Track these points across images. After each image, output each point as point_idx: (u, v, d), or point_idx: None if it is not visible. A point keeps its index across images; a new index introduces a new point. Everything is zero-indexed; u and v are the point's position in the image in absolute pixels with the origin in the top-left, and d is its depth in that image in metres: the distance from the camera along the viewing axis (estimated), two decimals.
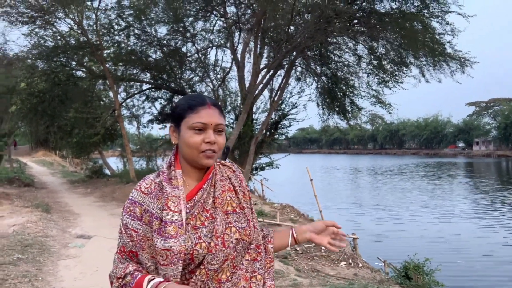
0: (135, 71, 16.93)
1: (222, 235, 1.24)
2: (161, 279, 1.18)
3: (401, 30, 11.57)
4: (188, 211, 1.24)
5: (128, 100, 18.89)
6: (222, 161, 1.42)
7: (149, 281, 1.18)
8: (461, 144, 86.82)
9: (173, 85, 17.76)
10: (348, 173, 37.65)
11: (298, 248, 6.29)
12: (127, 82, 17.22)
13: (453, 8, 11.41)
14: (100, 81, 18.17)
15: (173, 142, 1.32)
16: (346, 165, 52.06)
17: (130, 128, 21.51)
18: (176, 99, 18.89)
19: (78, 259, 5.59)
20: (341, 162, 59.07)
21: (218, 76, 17.63)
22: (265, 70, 13.50)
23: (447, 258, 9.41)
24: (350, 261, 6.28)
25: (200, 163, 1.27)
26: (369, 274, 5.86)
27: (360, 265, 6.26)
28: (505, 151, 72.46)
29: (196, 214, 1.26)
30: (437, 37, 11.53)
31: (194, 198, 1.27)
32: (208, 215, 1.27)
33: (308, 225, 1.44)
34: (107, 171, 21.62)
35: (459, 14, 11.53)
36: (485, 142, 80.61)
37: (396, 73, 13.72)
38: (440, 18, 11.65)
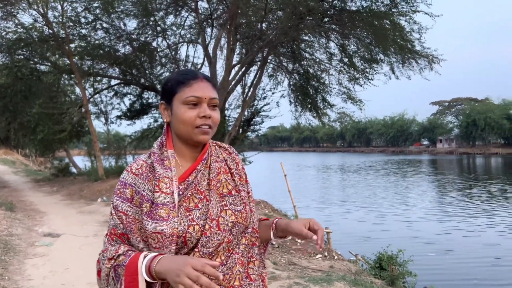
0: (103, 65, 16.43)
1: (217, 218, 1.20)
2: (156, 253, 1.13)
3: (371, 28, 11.79)
4: (181, 192, 1.19)
5: (96, 96, 18.35)
6: (219, 142, 1.37)
7: (145, 257, 1.12)
8: (425, 142, 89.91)
9: (142, 80, 17.37)
10: (322, 171, 38.15)
11: (274, 242, 6.27)
12: (94, 77, 16.69)
13: (422, 7, 11.74)
14: (66, 76, 17.54)
15: (165, 120, 1.26)
16: (317, 162, 52.76)
17: (97, 125, 20.88)
18: (146, 95, 18.53)
19: (47, 257, 5.35)
20: (312, 159, 59.85)
21: None
22: (238, 66, 13.41)
23: (418, 251, 9.68)
24: (326, 254, 6.33)
25: (195, 140, 1.21)
26: (344, 266, 5.92)
27: (336, 257, 6.32)
28: (466, 149, 75.74)
29: (189, 196, 1.20)
30: (406, 34, 11.81)
31: (187, 179, 1.21)
32: (202, 197, 1.22)
33: (292, 221, 1.33)
34: (73, 170, 20.94)
35: (426, 13, 11.87)
36: (448, 140, 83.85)
37: (367, 70, 13.98)
38: (408, 17, 11.96)
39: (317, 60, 15.44)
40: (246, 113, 16.76)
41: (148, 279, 1.11)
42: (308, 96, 15.83)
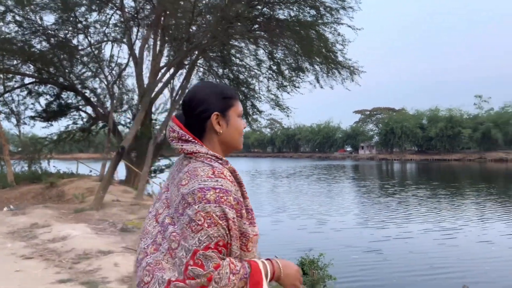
0: (15, 62, 15.04)
1: None
2: (265, 259, 1.28)
3: (298, 37, 12.12)
4: None
5: (7, 95, 16.74)
6: None
7: (262, 263, 1.24)
8: (349, 148, 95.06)
9: (61, 80, 16.21)
10: (254, 176, 38.45)
11: None
12: (4, 74, 15.22)
13: (345, 20, 12.33)
14: None
15: (219, 131, 1.29)
16: (249, 168, 53.25)
17: (8, 126, 18.98)
18: (65, 95, 17.31)
19: None
20: (243, 165, 60.21)
21: (114, 72, 16.58)
22: (165, 68, 13.03)
23: (340, 254, 10.03)
24: None
25: (239, 147, 1.36)
26: None
27: None
28: (385, 155, 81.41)
29: None
30: (330, 45, 12.32)
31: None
32: None
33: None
34: None
35: (349, 26, 12.51)
36: (369, 147, 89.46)
37: (294, 78, 14.36)
38: (333, 28, 12.51)
39: (247, 66, 15.57)
40: None
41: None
42: None
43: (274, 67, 14.66)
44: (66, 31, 15.15)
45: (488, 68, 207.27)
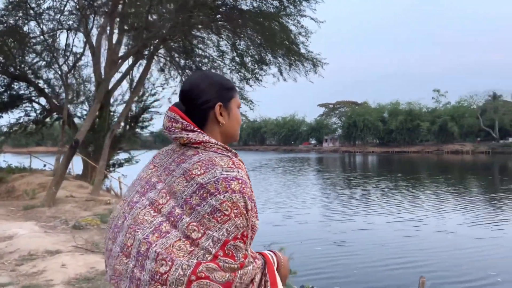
0: None
1: None
2: (269, 250, 1.31)
3: (260, 28, 11.94)
4: None
5: None
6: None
7: (270, 256, 1.27)
8: (313, 141, 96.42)
9: (12, 69, 15.26)
10: None
11: None
12: None
13: (308, 12, 12.25)
14: None
15: (222, 122, 1.27)
16: None
17: None
18: (17, 85, 16.35)
19: None
20: None
21: (69, 62, 15.77)
22: (123, 58, 12.50)
23: (304, 247, 10.04)
24: None
25: (236, 139, 1.35)
26: None
27: None
28: (348, 147, 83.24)
29: None
30: (293, 37, 12.22)
31: None
32: None
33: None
34: None
35: (312, 19, 12.46)
36: (332, 139, 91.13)
37: (257, 70, 14.20)
38: (296, 20, 12.40)
39: (210, 57, 15.24)
40: (134, 108, 15.80)
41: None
42: None
43: (238, 59, 14.44)
44: (17, 18, 14.22)
45: (446, 62, 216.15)
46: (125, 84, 15.46)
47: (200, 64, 15.67)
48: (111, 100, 15.08)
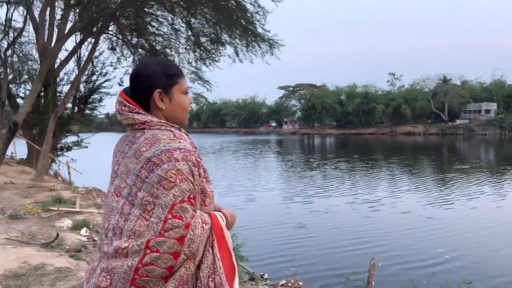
0: None
1: None
2: (216, 211, 1.36)
3: (216, 6, 11.46)
4: None
5: None
6: None
7: (219, 215, 1.33)
8: (273, 124, 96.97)
9: None
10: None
11: (96, 238, 5.43)
12: None
13: None
14: None
15: (162, 107, 1.34)
16: None
17: None
18: None
19: None
20: None
21: (9, 37, 14.51)
22: (68, 34, 11.61)
23: (263, 231, 9.93)
24: None
25: (185, 123, 1.41)
26: None
27: None
28: (307, 130, 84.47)
29: None
30: (249, 16, 11.81)
31: None
32: None
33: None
34: None
35: None
36: (292, 122, 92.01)
37: (213, 51, 13.72)
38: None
39: (165, 36, 14.54)
40: (83, 89, 14.88)
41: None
42: None
43: (193, 38, 13.87)
44: None
45: (401, 46, 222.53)
46: (73, 64, 14.52)
47: (154, 43, 14.95)
48: (58, 80, 14.09)
